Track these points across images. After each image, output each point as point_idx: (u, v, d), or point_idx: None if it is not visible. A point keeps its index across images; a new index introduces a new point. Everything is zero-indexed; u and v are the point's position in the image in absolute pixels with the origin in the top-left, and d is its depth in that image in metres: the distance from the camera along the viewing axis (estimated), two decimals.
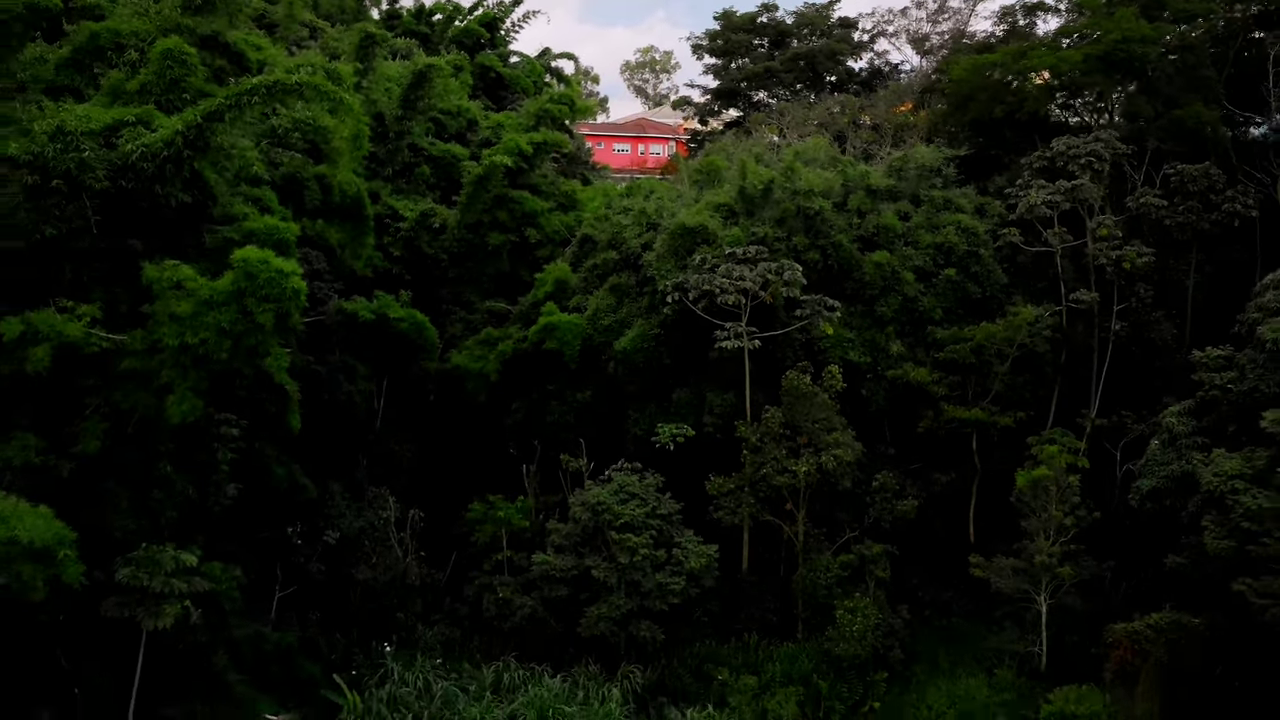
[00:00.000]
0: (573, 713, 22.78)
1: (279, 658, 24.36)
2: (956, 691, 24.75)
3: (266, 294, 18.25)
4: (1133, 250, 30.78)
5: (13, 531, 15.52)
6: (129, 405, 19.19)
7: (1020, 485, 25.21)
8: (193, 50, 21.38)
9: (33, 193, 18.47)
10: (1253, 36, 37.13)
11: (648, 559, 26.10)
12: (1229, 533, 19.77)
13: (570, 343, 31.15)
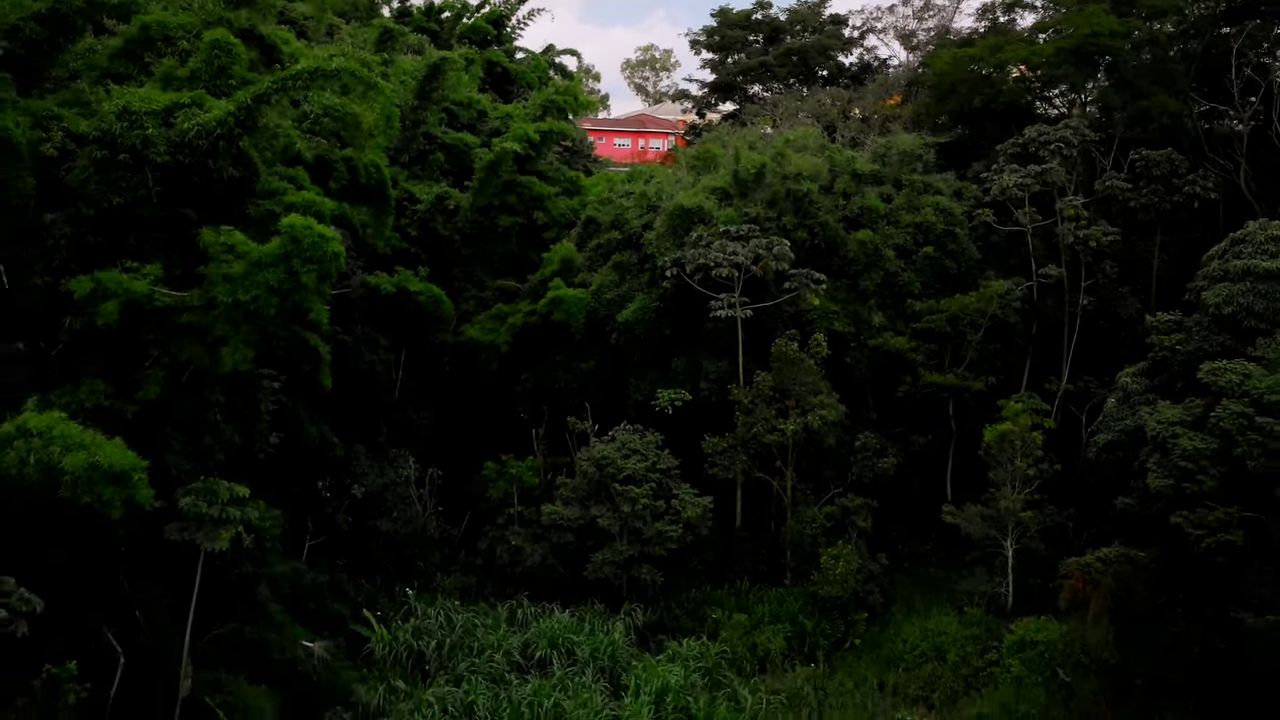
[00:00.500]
0: (580, 640, 24.88)
1: (312, 595, 26.48)
2: (929, 627, 26.85)
3: (310, 256, 20.33)
4: (1099, 230, 32.89)
5: (94, 458, 17.62)
6: (185, 357, 21.24)
7: (988, 440, 27.29)
8: (237, 41, 23.43)
9: (101, 166, 20.54)
10: (1221, 32, 39.18)
11: (648, 509, 28.23)
12: (1168, 472, 21.86)
13: (576, 315, 33.29)
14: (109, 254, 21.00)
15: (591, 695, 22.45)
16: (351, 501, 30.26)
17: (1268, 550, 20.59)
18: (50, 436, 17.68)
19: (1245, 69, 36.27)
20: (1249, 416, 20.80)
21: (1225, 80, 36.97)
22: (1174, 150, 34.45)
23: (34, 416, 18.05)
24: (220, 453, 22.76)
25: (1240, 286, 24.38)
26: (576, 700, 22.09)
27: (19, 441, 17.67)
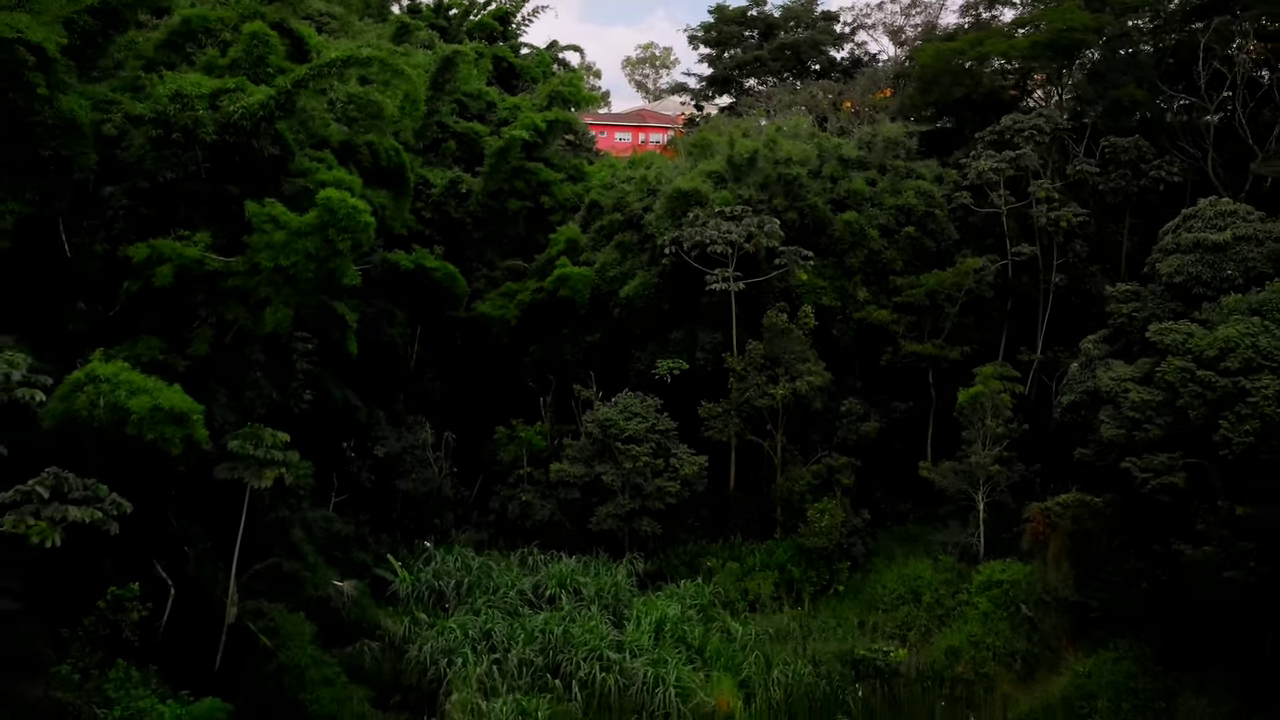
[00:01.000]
0: (587, 581, 26.97)
1: (340, 544, 28.58)
2: (906, 574, 28.93)
3: (344, 225, 22.39)
4: (1069, 211, 34.87)
5: (156, 400, 19.67)
6: (231, 318, 23.28)
7: (961, 401, 29.36)
8: (274, 33, 25.48)
9: (156, 144, 22.56)
10: (1191, 27, 41.14)
11: (648, 466, 30.33)
12: (1119, 423, 23.93)
13: (581, 291, 35.35)
14: (162, 224, 23.07)
15: (597, 624, 24.58)
16: (373, 462, 32.35)
17: (1206, 490, 22.63)
18: (116, 382, 19.73)
19: (1213, 62, 38.25)
20: (1190, 371, 22.85)
21: (1194, 73, 38.94)
22: (1141, 138, 36.39)
23: (101, 365, 20.08)
24: (260, 407, 24.82)
25: (1190, 257, 26.48)
26: (584, 627, 24.20)
27: (88, 387, 19.69)
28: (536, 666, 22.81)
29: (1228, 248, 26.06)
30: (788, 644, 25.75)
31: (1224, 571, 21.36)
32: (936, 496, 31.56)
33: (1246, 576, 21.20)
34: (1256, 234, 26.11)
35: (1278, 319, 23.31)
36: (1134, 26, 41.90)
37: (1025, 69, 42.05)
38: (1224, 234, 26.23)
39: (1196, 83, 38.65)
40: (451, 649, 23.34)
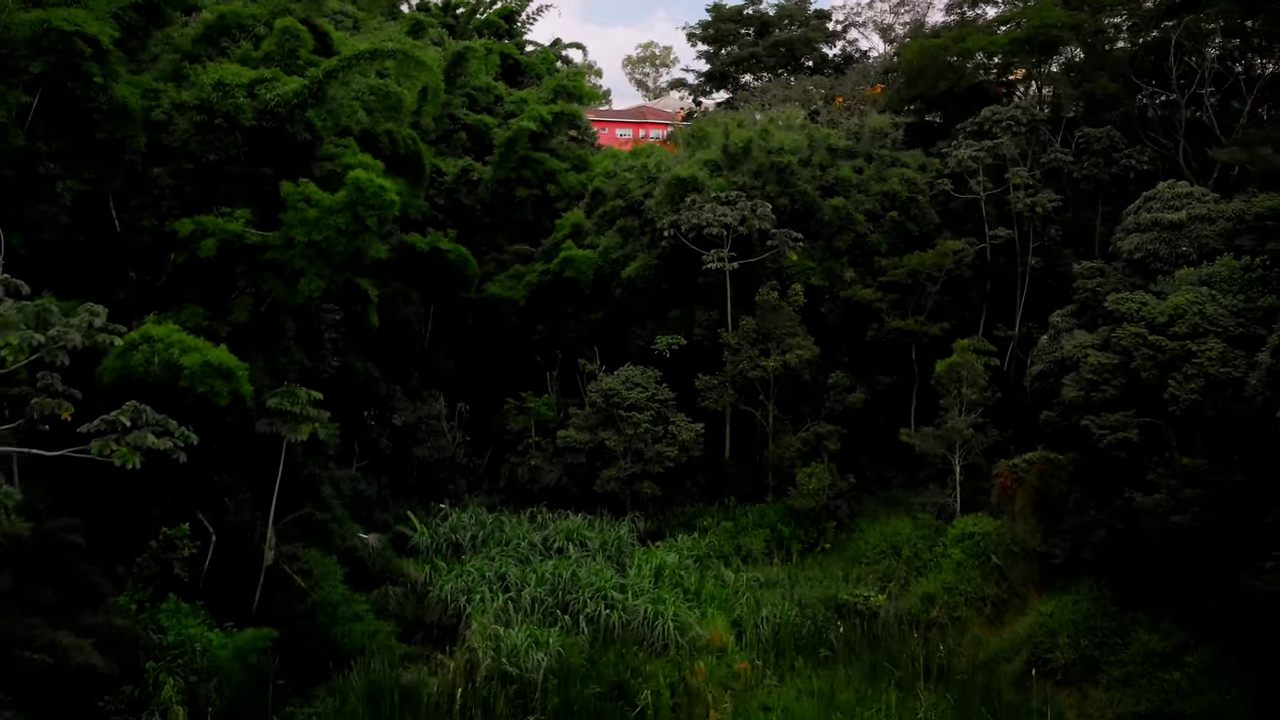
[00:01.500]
0: (592, 535, 28.98)
1: (362, 503, 30.55)
2: (887, 531, 30.93)
3: (372, 204, 24.39)
4: (1044, 197, 36.82)
5: (206, 357, 21.66)
6: (267, 289, 25.29)
7: (939, 371, 31.34)
8: (304, 28, 27.48)
9: (200, 128, 24.56)
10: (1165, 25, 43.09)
11: (648, 432, 32.33)
12: (1080, 385, 25.88)
13: (585, 272, 37.36)
14: (204, 202, 25.09)
15: (602, 570, 26.56)
16: (391, 430, 34.35)
17: (1157, 445, 24.58)
18: (169, 342, 21.69)
19: (1184, 58, 40.20)
20: (1143, 336, 24.81)
21: (1164, 66, 40.92)
22: (1113, 128, 38.34)
23: (154, 327, 22.05)
24: (292, 371, 26.77)
25: (1149, 235, 28.44)
26: (589, 572, 26.20)
27: (143, 346, 21.66)
28: (547, 604, 24.81)
29: (1183, 226, 28.00)
30: (776, 590, 27.73)
31: (1172, 517, 23.31)
32: (918, 463, 33.56)
33: (1192, 521, 23.16)
34: (1210, 213, 28.04)
35: (1224, 289, 25.29)
36: (1110, 24, 43.96)
37: (1006, 64, 44.07)
38: (1180, 214, 28.18)
39: (1169, 77, 40.79)
40: (469, 588, 25.39)
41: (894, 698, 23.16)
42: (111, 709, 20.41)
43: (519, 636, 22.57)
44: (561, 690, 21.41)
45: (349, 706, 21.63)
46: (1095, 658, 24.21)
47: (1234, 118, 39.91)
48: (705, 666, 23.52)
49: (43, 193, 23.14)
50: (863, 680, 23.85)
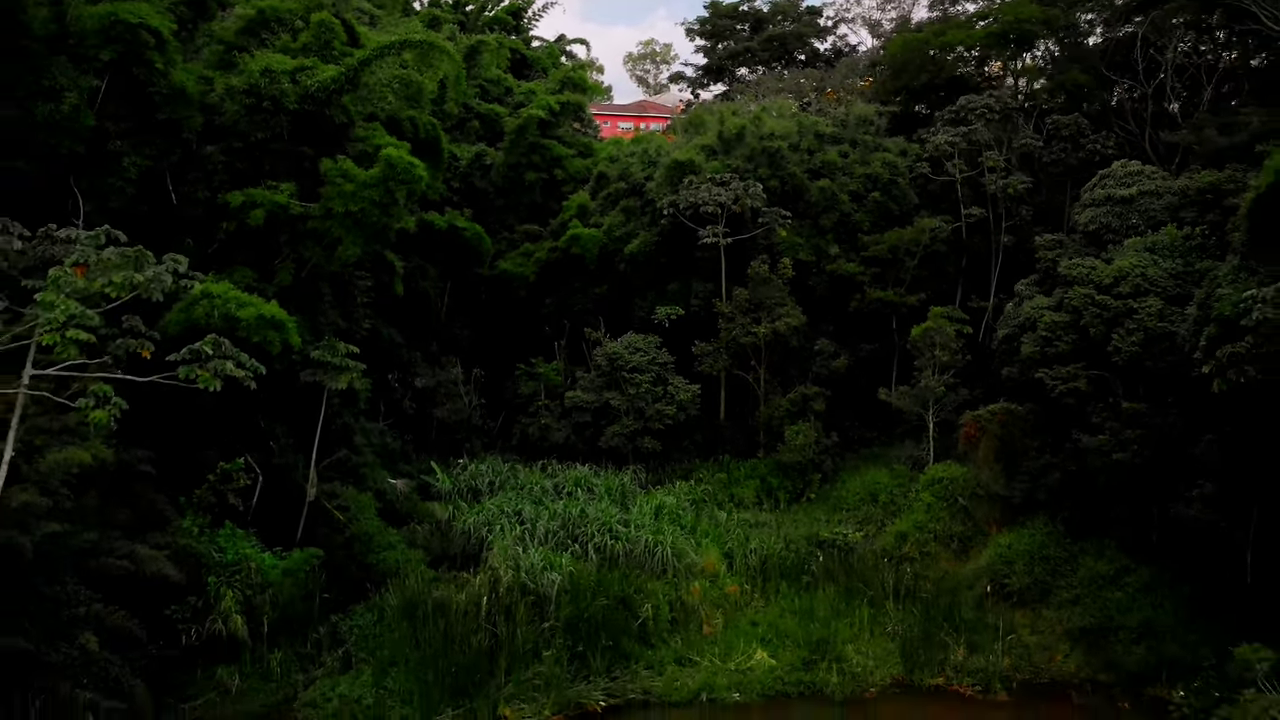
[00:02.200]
0: (599, 482, 31.69)
1: (389, 456, 33.27)
2: (866, 480, 33.61)
3: (402, 178, 27.10)
4: (1016, 179, 39.42)
5: (260, 311, 24.36)
6: (308, 255, 28.00)
7: (914, 335, 34.01)
8: (337, 21, 30.14)
9: (248, 110, 27.21)
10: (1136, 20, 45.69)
11: (649, 392, 35.02)
12: (1036, 342, 28.55)
13: (590, 249, 40.01)
14: (252, 177, 27.78)
15: (607, 508, 29.27)
16: (413, 392, 37.07)
17: (1103, 393, 27.27)
18: (227, 298, 24.35)
19: (1149, 51, 42.82)
20: (1091, 296, 27.48)
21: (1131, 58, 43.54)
22: (1080, 115, 41.00)
23: (213, 284, 24.72)
24: (329, 331, 29.44)
25: (1102, 209, 31.12)
26: (597, 509, 28.92)
27: (204, 301, 24.30)
28: (559, 536, 27.50)
29: (1133, 200, 30.68)
30: (764, 529, 30.45)
31: (1114, 455, 26.00)
32: (896, 422, 36.23)
33: (1132, 458, 25.85)
34: (1158, 189, 30.70)
35: (1166, 255, 27.94)
36: (1084, 20, 46.60)
37: (983, 57, 46.69)
38: (1131, 189, 30.86)
39: (1137, 70, 43.43)
40: (489, 522, 28.12)
41: (866, 614, 25.92)
42: (178, 616, 23.19)
43: (535, 558, 25.30)
44: (573, 602, 24.12)
45: (386, 618, 24.37)
46: (1047, 582, 26.97)
47: (1197, 107, 42.51)
48: (699, 588, 26.29)
49: (111, 167, 25.82)
50: (839, 600, 26.58)
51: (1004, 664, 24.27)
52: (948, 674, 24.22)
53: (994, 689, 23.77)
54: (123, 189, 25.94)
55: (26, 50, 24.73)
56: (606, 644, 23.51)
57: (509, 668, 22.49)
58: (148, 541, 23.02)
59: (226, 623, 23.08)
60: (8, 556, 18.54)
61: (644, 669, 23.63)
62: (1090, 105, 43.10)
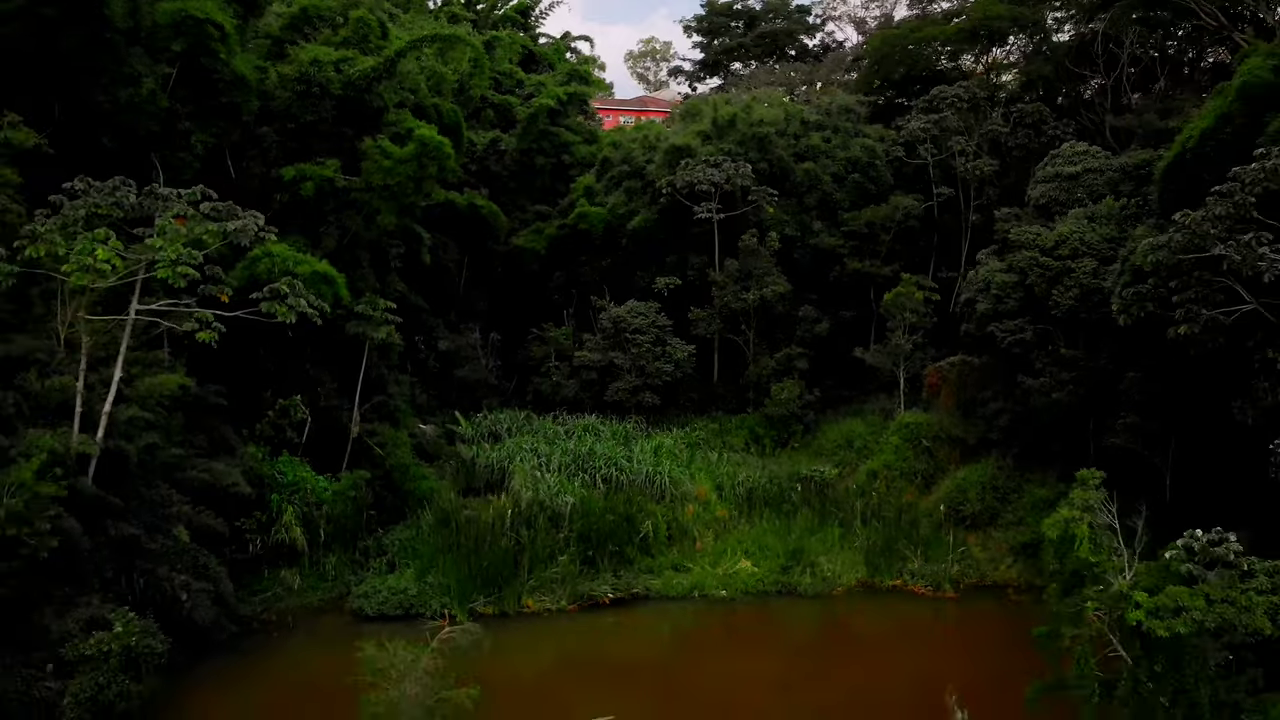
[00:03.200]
0: (605, 429, 35.31)
1: (416, 407, 36.85)
2: (843, 430, 37.20)
3: (433, 155, 30.73)
4: (982, 162, 42.97)
5: (314, 267, 27.93)
6: (350, 224, 31.61)
7: (887, 300, 37.57)
8: (375, 19, 33.69)
9: (299, 95, 30.80)
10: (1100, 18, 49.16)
11: (649, 351, 38.61)
12: (989, 301, 32.04)
13: (596, 226, 43.60)
14: (301, 154, 31.38)
15: (613, 446, 32.91)
16: (436, 354, 40.65)
17: (1045, 342, 30.83)
18: (285, 256, 27.93)
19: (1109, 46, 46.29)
20: (1036, 258, 31.00)
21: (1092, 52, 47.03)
22: (1042, 104, 44.56)
23: (273, 245, 28.25)
24: (367, 291, 33.01)
25: (1051, 185, 34.66)
26: (603, 447, 32.56)
27: (265, 259, 27.85)
28: (571, 468, 31.07)
29: (1079, 176, 34.21)
30: (751, 468, 34.01)
31: (1053, 394, 29.57)
32: (872, 380, 39.83)
33: (1068, 397, 29.42)
34: (1100, 166, 34.24)
35: (1102, 222, 31.48)
36: (1050, 18, 50.09)
37: (957, 51, 50.22)
38: (1076, 167, 34.40)
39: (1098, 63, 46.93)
40: (510, 456, 31.69)
41: (837, 533, 29.53)
42: (246, 528, 26.80)
43: (551, 484, 28.93)
44: (584, 518, 27.68)
45: (423, 532, 27.99)
46: (996, 508, 30.58)
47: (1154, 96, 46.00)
48: (693, 510, 29.89)
49: (181, 144, 29.36)
50: (814, 522, 30.17)
51: (954, 571, 27.87)
52: (904, 578, 27.81)
53: (943, 588, 27.38)
54: (191, 163, 29.47)
55: (109, 42, 28.20)
56: (613, 551, 27.14)
57: (530, 568, 26.10)
58: (220, 463, 26.62)
59: (288, 533, 26.69)
60: (117, 461, 22.10)
61: (644, 572, 27.24)
62: (1056, 96, 46.65)
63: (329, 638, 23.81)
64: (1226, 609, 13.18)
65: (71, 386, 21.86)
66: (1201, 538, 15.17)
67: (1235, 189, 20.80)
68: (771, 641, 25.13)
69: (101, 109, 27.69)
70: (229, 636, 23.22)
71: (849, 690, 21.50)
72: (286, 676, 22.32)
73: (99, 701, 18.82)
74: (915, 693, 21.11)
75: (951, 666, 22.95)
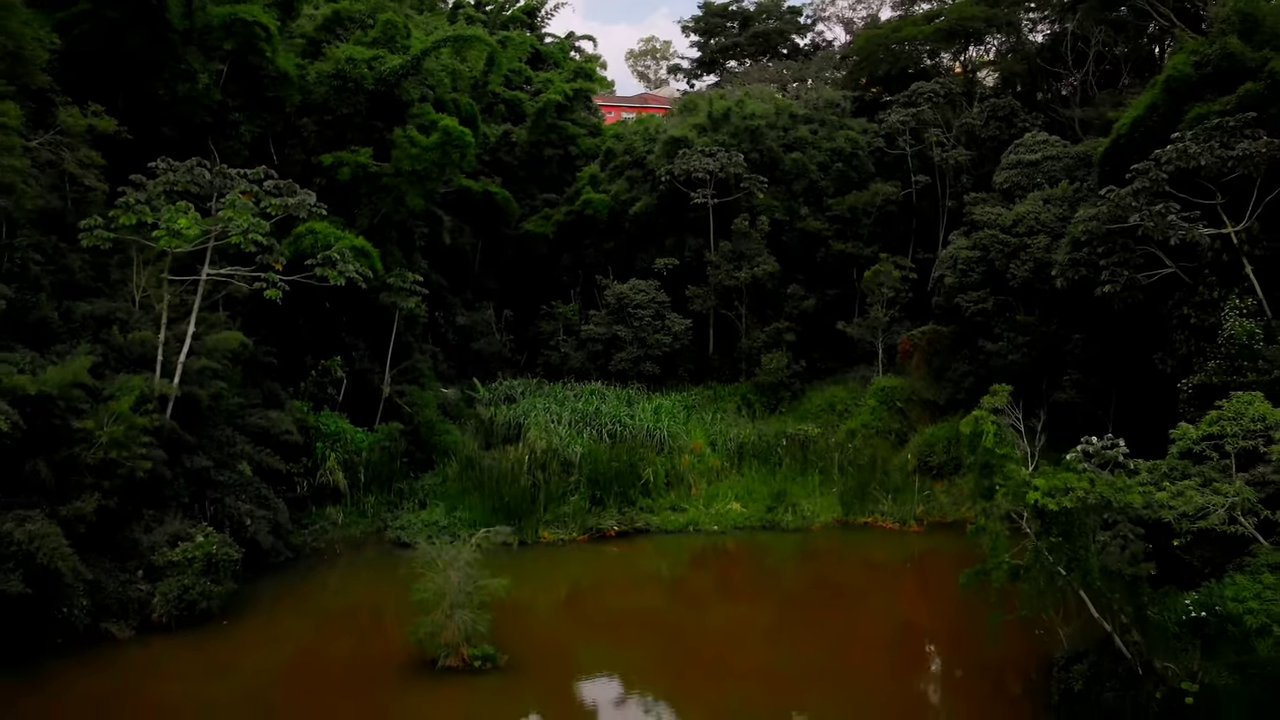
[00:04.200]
0: (610, 394, 38.64)
1: (438, 374, 40.15)
2: (827, 396, 40.52)
3: (456, 143, 33.98)
4: (957, 152, 46.24)
5: (353, 242, 31.19)
6: (381, 206, 34.87)
7: (866, 277, 40.88)
8: (401, 19, 36.95)
9: (335, 90, 34.05)
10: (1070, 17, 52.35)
11: (650, 324, 41.90)
12: (955, 275, 35.38)
13: (601, 211, 46.86)
14: (337, 143, 34.67)
15: (616, 406, 36.27)
16: (454, 328, 43.95)
17: (1004, 310, 34.15)
18: (326, 232, 31.19)
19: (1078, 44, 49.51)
20: (996, 235, 34.31)
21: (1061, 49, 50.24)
22: (1013, 98, 47.81)
23: (315, 223, 31.55)
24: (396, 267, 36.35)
25: (1014, 171, 37.93)
26: (608, 407, 35.90)
27: (308, 235, 31.08)
28: (579, 424, 34.32)
29: (1039, 163, 37.48)
30: (742, 428, 37.34)
31: (1009, 356, 32.90)
32: (854, 352, 43.13)
33: (1023, 358, 32.72)
34: (1058, 154, 37.51)
35: (1056, 203, 34.74)
36: (1026, 19, 53.34)
37: (935, 49, 53.47)
38: (1037, 155, 37.67)
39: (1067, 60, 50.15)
40: (525, 414, 35.01)
41: (816, 479, 32.85)
42: (295, 472, 30.08)
43: (563, 436, 32.27)
44: (592, 464, 30.99)
45: (450, 478, 31.32)
46: (959, 458, 33.70)
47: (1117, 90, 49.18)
48: (689, 460, 33.20)
49: (231, 133, 32.64)
50: (796, 472, 33.51)
51: (919, 510, 31.17)
52: (875, 516, 31.14)
53: (909, 524, 30.71)
54: (240, 150, 32.74)
55: (168, 41, 31.46)
56: (618, 493, 30.46)
57: (545, 505, 29.43)
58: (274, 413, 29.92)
59: (331, 476, 29.99)
60: (190, 404, 25.40)
61: (645, 511, 30.58)
62: (1034, 92, 49.87)
63: (372, 559, 27.18)
64: (1105, 488, 16.45)
65: (150, 340, 25.17)
66: (1096, 443, 18.47)
67: (1150, 167, 24.07)
68: (754, 561, 28.61)
69: (161, 101, 30.95)
70: (285, 560, 26.57)
71: (811, 581, 25.43)
72: (339, 584, 25.77)
73: (184, 600, 22.13)
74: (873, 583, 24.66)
75: (909, 577, 26.41)
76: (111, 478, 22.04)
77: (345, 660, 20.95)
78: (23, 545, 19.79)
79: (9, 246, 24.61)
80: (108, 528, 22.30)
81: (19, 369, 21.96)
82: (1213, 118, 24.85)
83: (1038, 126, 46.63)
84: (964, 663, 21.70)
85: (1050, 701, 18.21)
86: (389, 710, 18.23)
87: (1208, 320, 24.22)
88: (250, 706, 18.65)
